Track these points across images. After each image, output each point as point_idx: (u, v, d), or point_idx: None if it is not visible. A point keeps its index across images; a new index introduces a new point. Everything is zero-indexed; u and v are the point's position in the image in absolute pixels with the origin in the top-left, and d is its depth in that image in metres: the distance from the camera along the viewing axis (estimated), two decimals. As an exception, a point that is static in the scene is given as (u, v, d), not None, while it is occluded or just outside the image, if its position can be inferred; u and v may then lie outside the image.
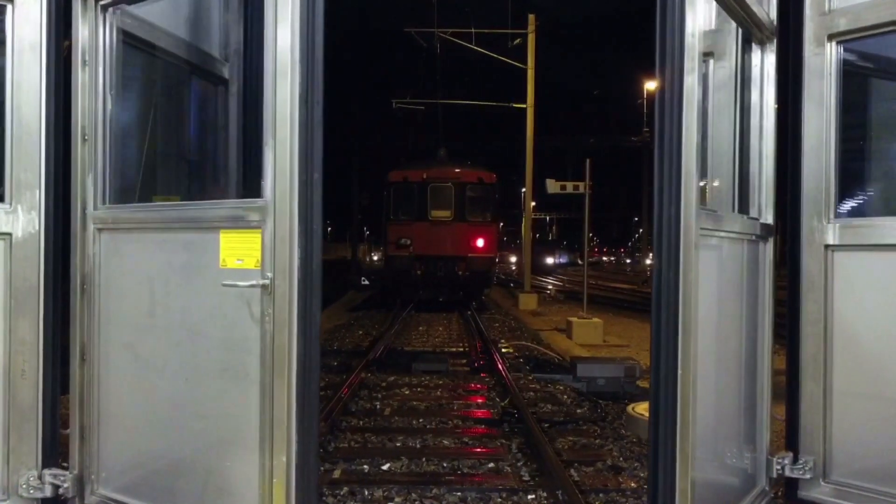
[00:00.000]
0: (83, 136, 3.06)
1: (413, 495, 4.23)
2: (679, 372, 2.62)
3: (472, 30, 20.27)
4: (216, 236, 2.74)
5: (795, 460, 3.25)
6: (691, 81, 2.59)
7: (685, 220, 2.61)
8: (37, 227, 3.01)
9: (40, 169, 3.01)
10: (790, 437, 3.31)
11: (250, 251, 2.65)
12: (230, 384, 2.72)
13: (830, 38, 3.18)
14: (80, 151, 3.06)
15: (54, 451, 3.05)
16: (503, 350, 10.74)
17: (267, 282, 2.58)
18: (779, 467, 3.28)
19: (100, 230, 3.07)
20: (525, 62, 20.29)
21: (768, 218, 3.38)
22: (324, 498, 4.09)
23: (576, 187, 14.77)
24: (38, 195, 3.01)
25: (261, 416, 2.62)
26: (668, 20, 2.62)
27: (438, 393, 7.41)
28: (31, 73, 3.00)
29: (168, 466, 2.92)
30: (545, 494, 4.27)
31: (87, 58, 3.07)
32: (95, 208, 3.07)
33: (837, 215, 3.21)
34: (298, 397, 2.57)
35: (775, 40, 3.35)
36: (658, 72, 2.66)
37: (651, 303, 2.71)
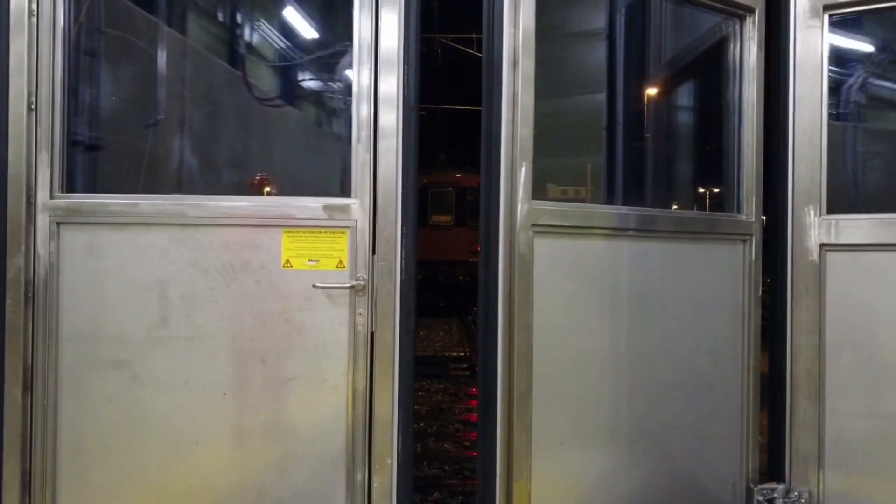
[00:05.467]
0: (28, 104, 2.51)
1: (414, 498, 4.21)
2: (499, 376, 2.50)
3: (473, 35, 20.29)
4: (274, 235, 2.56)
5: (788, 492, 2.97)
6: (511, 76, 2.50)
7: (506, 217, 2.50)
8: None
9: None
10: (774, 465, 3.02)
11: (331, 251, 2.55)
12: (297, 394, 2.57)
13: (826, 8, 2.93)
14: (24, 124, 2.51)
15: None
16: (504, 354, 10.70)
17: (362, 282, 2.52)
18: (761, 498, 3.00)
19: (59, 224, 2.57)
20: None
21: (750, 214, 3.11)
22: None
23: (576, 192, 14.78)
24: None
25: (351, 422, 2.53)
26: (488, 10, 2.54)
27: (439, 397, 7.39)
28: None
29: (185, 496, 2.60)
30: (546, 497, 4.25)
31: (33, 5, 2.49)
32: (52, 196, 2.57)
33: (834, 210, 2.93)
34: (400, 395, 2.52)
35: (756, 12, 3.07)
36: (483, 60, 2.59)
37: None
